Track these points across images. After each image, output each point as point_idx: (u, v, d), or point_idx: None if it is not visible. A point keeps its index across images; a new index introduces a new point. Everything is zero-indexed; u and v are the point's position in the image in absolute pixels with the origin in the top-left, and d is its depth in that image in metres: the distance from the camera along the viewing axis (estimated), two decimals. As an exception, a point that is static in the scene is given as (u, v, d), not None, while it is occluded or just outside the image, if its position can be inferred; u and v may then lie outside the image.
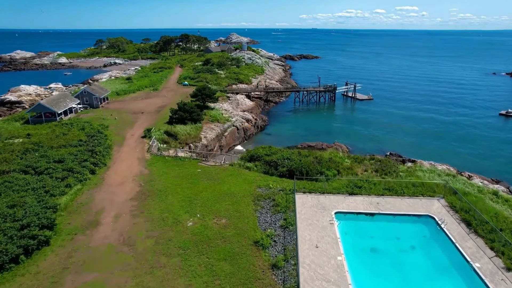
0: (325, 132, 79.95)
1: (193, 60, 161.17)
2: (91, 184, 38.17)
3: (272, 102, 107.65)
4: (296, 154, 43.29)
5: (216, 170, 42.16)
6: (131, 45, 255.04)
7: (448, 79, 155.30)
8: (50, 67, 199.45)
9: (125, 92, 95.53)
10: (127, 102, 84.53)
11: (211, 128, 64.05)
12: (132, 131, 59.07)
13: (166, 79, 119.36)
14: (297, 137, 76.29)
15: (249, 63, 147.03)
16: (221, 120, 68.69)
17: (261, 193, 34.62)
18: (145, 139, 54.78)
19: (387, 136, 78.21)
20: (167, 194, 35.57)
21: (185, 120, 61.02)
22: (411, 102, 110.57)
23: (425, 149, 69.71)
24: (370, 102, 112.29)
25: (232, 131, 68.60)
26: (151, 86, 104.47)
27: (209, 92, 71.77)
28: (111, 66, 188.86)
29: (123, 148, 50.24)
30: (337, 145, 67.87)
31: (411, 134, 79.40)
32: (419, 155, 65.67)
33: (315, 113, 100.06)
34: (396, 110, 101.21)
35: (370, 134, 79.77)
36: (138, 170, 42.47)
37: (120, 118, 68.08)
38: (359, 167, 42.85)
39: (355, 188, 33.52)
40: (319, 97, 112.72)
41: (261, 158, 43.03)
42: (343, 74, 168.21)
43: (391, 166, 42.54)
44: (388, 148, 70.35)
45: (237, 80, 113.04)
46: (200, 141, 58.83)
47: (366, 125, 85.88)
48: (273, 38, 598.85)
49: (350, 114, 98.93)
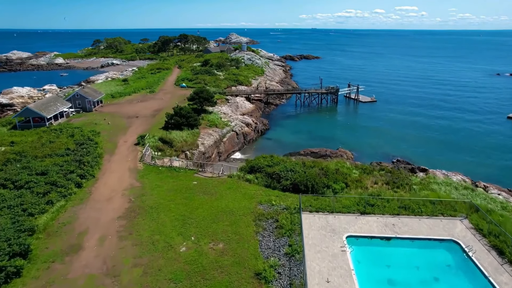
0: (328, 137, 76.64)
1: (192, 61, 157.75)
2: (76, 199, 34.77)
3: (273, 105, 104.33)
4: (300, 165, 39.94)
5: (213, 183, 38.80)
6: (129, 45, 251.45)
7: (451, 81, 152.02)
8: (47, 67, 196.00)
9: (120, 95, 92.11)
10: (122, 105, 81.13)
11: (209, 134, 60.68)
12: (125, 138, 55.68)
13: (164, 80, 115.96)
14: (299, 142, 73.00)
15: (248, 64, 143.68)
16: (219, 125, 65.31)
17: (263, 211, 31.26)
18: (139, 146, 51.39)
19: (392, 141, 74.90)
20: (159, 211, 32.20)
21: (181, 125, 57.65)
22: (415, 105, 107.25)
23: (433, 155, 66.41)
24: (374, 105, 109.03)
25: (231, 137, 65.26)
26: (148, 88, 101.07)
27: (207, 95, 68.44)
28: (109, 66, 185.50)
29: (114, 157, 46.85)
30: (342, 151, 64.59)
31: (417, 139, 76.10)
32: (428, 162, 62.40)
33: (317, 116, 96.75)
34: (401, 113, 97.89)
35: (375, 138, 76.48)
36: (129, 182, 39.08)
37: (113, 122, 64.69)
38: (368, 179, 39.51)
39: (367, 207, 30.11)
40: (321, 99, 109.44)
41: (262, 170, 39.66)
42: (344, 75, 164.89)
43: (403, 178, 39.21)
44: (394, 154, 67.08)
45: (236, 82, 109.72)
46: (197, 148, 55.46)
47: (371, 129, 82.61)
48: (272, 38, 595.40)
49: (353, 117, 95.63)
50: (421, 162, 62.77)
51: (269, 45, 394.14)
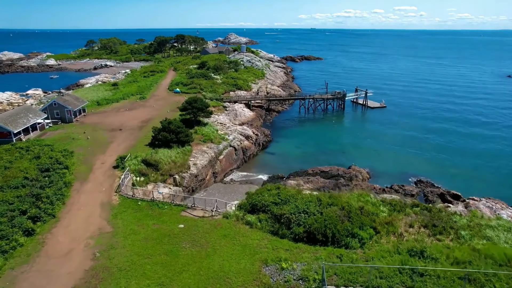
0: (338, 151, 68.35)
1: (188, 63, 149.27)
2: (22, 255, 26.40)
3: (275, 111, 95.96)
4: (314, 202, 31.59)
5: (204, 226, 30.46)
6: (124, 46, 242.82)
7: (463, 84, 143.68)
8: (37, 69, 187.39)
9: (107, 102, 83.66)
10: (108, 114, 72.72)
11: (203, 152, 52.27)
12: (103, 158, 47.29)
13: (157, 84, 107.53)
14: (305, 157, 64.71)
15: (248, 66, 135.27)
16: (215, 139, 56.89)
17: (270, 280, 22.89)
18: (117, 170, 43.01)
19: (408, 154, 66.65)
20: (130, 277, 23.85)
21: (170, 142, 49.29)
22: (427, 111, 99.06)
23: (458, 173, 58.21)
24: (383, 111, 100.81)
25: (228, 153, 56.87)
26: (139, 94, 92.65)
27: (201, 105, 60.07)
28: (102, 68, 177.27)
29: (86, 186, 38.45)
30: (356, 170, 56.31)
31: (435, 151, 67.88)
32: (454, 183, 54.26)
33: (323, 124, 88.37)
34: (413, 120, 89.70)
35: (389, 151, 68.22)
36: (98, 225, 30.73)
37: (93, 137, 56.29)
38: (400, 219, 31.25)
39: (415, 279, 21.56)
40: (327, 105, 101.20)
41: (267, 209, 31.29)
42: (348, 77, 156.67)
43: (445, 220, 30.89)
44: (414, 172, 58.83)
45: (235, 86, 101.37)
46: (189, 169, 47.09)
47: (383, 140, 74.36)
48: (271, 38, 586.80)
49: (363, 126, 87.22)
50: (447, 182, 54.61)
51: (269, 45, 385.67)
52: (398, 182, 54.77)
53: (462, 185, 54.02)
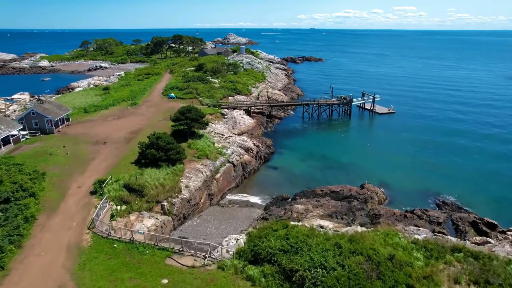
0: (346, 164, 61.83)
1: (185, 65, 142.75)
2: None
3: (277, 118, 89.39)
4: (333, 249, 25.07)
5: (194, 283, 23.91)
6: (120, 47, 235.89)
7: (471, 86, 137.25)
8: (29, 71, 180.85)
9: (95, 108, 77.06)
10: (94, 123, 66.12)
11: (197, 170, 45.70)
12: (81, 180, 40.73)
13: (151, 89, 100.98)
14: (312, 172, 58.20)
15: (248, 68, 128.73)
16: (211, 154, 50.31)
17: None
18: (95, 197, 36.47)
19: (425, 167, 60.23)
20: None
21: (158, 161, 42.76)
22: (438, 117, 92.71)
23: (483, 190, 51.83)
24: (392, 117, 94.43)
25: (226, 171, 50.28)
26: (130, 99, 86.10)
27: (196, 115, 53.48)
28: (96, 70, 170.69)
29: (53, 220, 31.89)
30: (370, 189, 49.82)
31: (454, 164, 61.64)
32: (480, 203, 47.98)
33: (329, 132, 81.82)
34: (426, 127, 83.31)
35: (404, 164, 61.72)
36: (58, 281, 24.17)
37: (73, 152, 49.71)
38: (441, 271, 24.77)
39: None
40: (332, 111, 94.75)
41: (274, 259, 24.76)
42: (352, 80, 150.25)
43: (501, 273, 24.39)
44: (433, 188, 52.50)
45: (234, 91, 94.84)
46: (180, 193, 40.54)
47: (395, 151, 67.91)
48: (271, 38, 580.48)
49: (372, 135, 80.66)
50: (472, 202, 48.27)
51: (268, 45, 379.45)
52: (418, 203, 48.46)
53: (490, 207, 47.74)
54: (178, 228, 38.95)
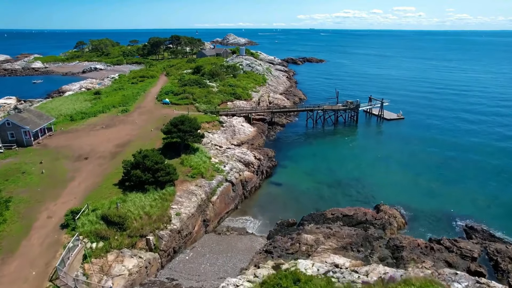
0: (357, 179, 55.85)
1: (182, 67, 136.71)
2: None
3: (279, 125, 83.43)
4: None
5: None
6: (116, 48, 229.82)
7: (480, 89, 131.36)
8: (21, 73, 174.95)
9: (82, 116, 71.04)
10: (79, 134, 60.13)
11: (190, 193, 39.72)
12: (53, 207, 34.74)
13: (145, 93, 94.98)
14: (320, 189, 52.27)
15: (248, 70, 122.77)
16: (207, 173, 44.34)
17: None
18: (66, 231, 30.51)
19: (443, 181, 54.51)
20: None
21: (145, 184, 36.79)
22: (450, 122, 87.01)
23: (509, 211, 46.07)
24: (401, 123, 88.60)
25: (224, 191, 44.29)
26: (122, 105, 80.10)
27: (190, 127, 47.48)
28: (91, 72, 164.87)
29: (7, 267, 25.86)
30: (387, 212, 43.91)
31: (474, 176, 56.05)
32: None
33: (335, 141, 75.81)
34: (438, 136, 77.44)
35: (420, 178, 55.78)
36: None
37: (50, 170, 43.75)
38: None
39: None
40: (337, 117, 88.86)
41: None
42: (355, 82, 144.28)
43: None
44: (456, 208, 46.71)
45: (233, 96, 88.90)
46: (169, 223, 34.56)
47: (409, 164, 61.99)
48: (270, 39, 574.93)
49: (382, 143, 74.60)
50: (504, 226, 42.46)
51: (268, 46, 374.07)
52: (442, 228, 42.76)
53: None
54: (166, 265, 32.99)
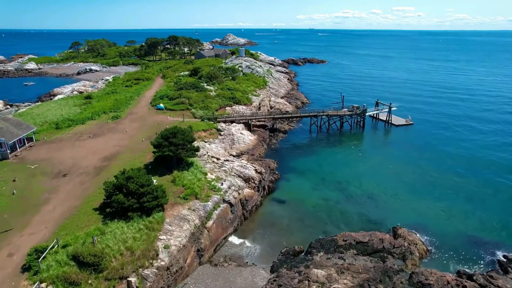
0: (368, 195, 50.61)
1: (179, 69, 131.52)
2: None
3: (281, 132, 78.18)
4: None
5: None
6: (113, 48, 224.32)
7: (490, 92, 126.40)
8: (13, 74, 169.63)
9: (69, 123, 65.74)
10: (63, 144, 54.86)
11: (182, 219, 34.45)
12: (17, 241, 29.43)
13: (138, 97, 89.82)
14: (327, 208, 47.00)
15: (247, 72, 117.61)
16: (201, 193, 39.03)
17: None
18: (27, 277, 25.18)
19: (467, 201, 49.15)
20: None
21: (128, 210, 31.55)
22: (463, 129, 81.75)
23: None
24: (411, 129, 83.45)
25: (221, 214, 39.00)
26: (113, 111, 74.92)
27: (183, 140, 42.21)
28: (86, 73, 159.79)
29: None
30: (405, 237, 38.70)
31: (499, 193, 50.62)
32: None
33: (342, 150, 70.42)
34: (452, 143, 72.47)
35: (439, 197, 50.32)
36: None
37: (23, 190, 38.44)
38: None
39: None
40: (342, 123, 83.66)
41: None
42: (359, 84, 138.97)
43: None
44: (485, 234, 41.28)
45: (232, 100, 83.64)
46: (156, 259, 29.29)
47: (425, 176, 56.74)
48: (269, 39, 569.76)
49: (393, 153, 68.96)
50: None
51: (267, 46, 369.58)
52: (470, 257, 37.59)
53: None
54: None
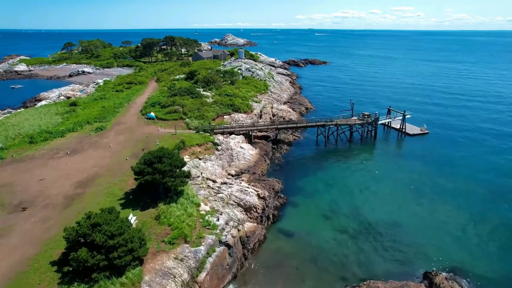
0: (390, 223, 43.07)
1: (175, 72, 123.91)
2: None
3: (285, 144, 70.65)
4: None
5: None
6: (108, 49, 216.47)
7: (503, 96, 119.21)
8: (1, 77, 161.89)
9: (46, 136, 57.98)
10: (33, 163, 47.16)
11: (165, 275, 26.77)
12: None
13: (129, 103, 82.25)
14: (344, 244, 39.28)
15: (247, 76, 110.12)
16: (192, 235, 31.43)
17: None
18: None
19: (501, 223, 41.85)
20: None
21: (93, 270, 23.95)
22: (485, 139, 74.52)
23: None
24: (427, 139, 76.11)
25: (217, 260, 31.34)
26: (98, 120, 67.34)
27: (171, 165, 34.57)
28: (78, 76, 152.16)
29: None
30: (444, 287, 31.19)
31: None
32: None
33: (353, 165, 62.54)
34: (472, 152, 65.55)
35: (477, 226, 42.72)
36: None
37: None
38: None
39: None
40: (352, 132, 76.22)
41: None
42: (365, 88, 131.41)
43: None
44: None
45: (231, 108, 76.11)
46: None
47: (454, 197, 49.18)
48: (269, 39, 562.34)
49: (412, 169, 60.57)
50: None
51: (267, 46, 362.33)
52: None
53: None
54: None
